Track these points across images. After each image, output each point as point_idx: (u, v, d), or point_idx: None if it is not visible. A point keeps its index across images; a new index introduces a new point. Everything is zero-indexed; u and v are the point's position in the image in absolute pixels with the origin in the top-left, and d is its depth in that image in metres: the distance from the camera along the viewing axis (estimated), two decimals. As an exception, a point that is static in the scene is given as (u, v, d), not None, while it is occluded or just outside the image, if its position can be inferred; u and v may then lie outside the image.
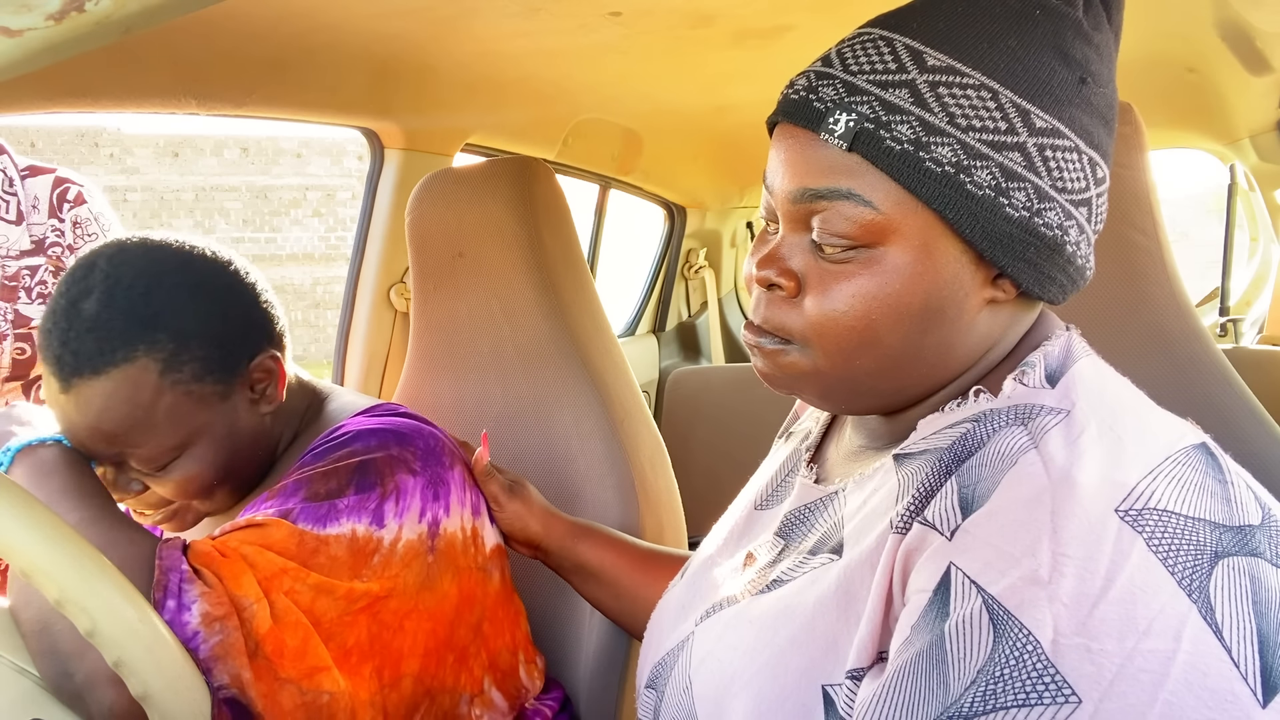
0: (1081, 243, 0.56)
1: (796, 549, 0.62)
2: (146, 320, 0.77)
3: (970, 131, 0.53)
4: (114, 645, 0.57)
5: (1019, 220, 0.53)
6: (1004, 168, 0.53)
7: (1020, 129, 0.53)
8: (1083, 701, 0.42)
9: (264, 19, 1.05)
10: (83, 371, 0.76)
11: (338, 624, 0.74)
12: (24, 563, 0.55)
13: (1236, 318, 2.21)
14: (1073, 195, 0.55)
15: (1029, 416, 0.52)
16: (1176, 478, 0.48)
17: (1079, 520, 0.45)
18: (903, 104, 0.53)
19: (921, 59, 0.54)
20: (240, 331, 0.85)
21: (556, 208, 1.18)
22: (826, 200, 0.55)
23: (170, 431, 0.80)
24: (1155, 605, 0.43)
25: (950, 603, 0.46)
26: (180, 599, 0.68)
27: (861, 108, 0.54)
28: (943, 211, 0.53)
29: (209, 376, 0.81)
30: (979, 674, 0.44)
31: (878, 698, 0.48)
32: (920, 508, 0.51)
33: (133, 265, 0.79)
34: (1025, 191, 0.53)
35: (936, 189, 0.53)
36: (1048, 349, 0.57)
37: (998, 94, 0.53)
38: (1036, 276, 0.56)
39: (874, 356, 0.56)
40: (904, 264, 0.54)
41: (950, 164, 0.52)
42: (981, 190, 0.53)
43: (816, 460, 0.70)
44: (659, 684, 0.67)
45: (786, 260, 0.58)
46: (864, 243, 0.55)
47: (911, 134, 0.53)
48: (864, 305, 0.55)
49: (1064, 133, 0.54)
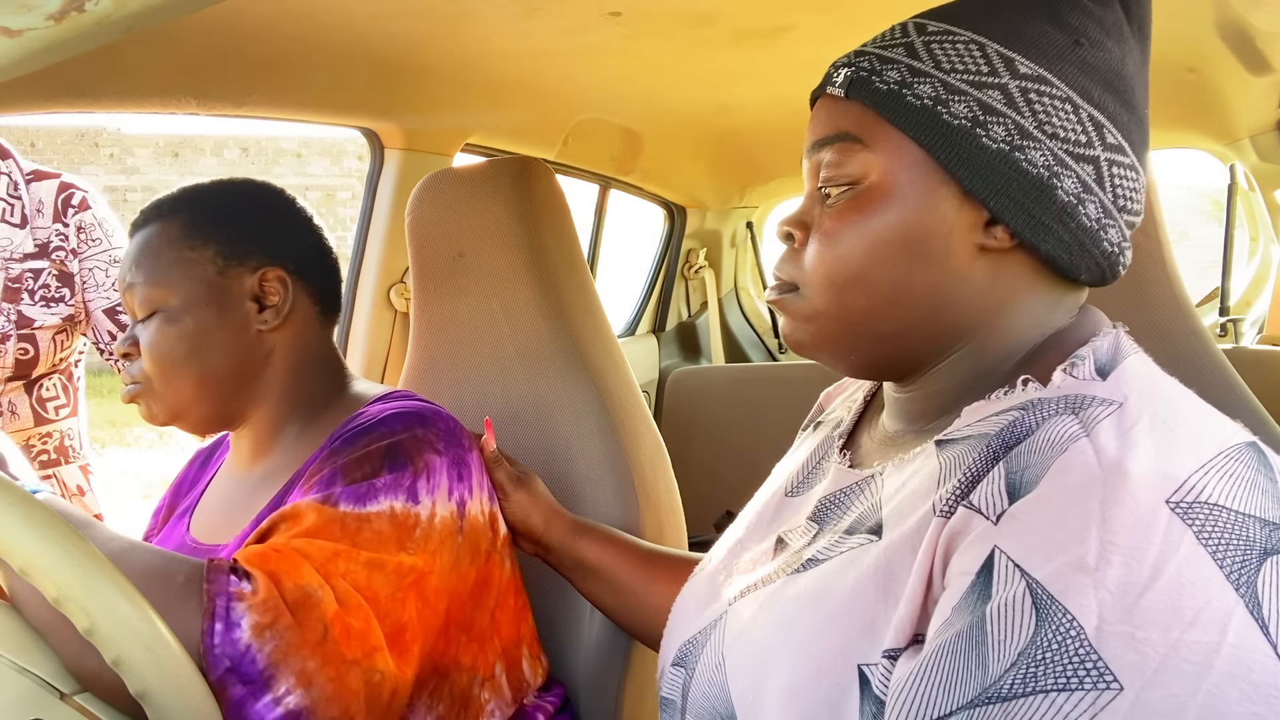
0: (1088, 202, 0.57)
1: (832, 530, 0.62)
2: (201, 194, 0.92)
3: (953, 74, 0.57)
4: (112, 644, 0.57)
5: (997, 152, 0.56)
6: (982, 102, 0.56)
7: (1003, 72, 0.56)
8: (1124, 689, 0.42)
9: (264, 19, 1.05)
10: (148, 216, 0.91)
11: (391, 601, 0.75)
12: (22, 560, 0.55)
13: (1236, 317, 2.21)
14: (1066, 144, 0.56)
15: (1080, 406, 0.52)
16: (1228, 473, 0.48)
17: (1129, 510, 0.45)
18: (896, 58, 0.59)
19: (924, 28, 0.59)
20: (263, 231, 0.91)
21: (556, 208, 1.18)
22: (829, 145, 0.61)
23: (158, 276, 0.87)
24: (1202, 598, 0.43)
25: (993, 585, 0.46)
26: (228, 618, 0.68)
27: (861, 62, 0.60)
28: (919, 139, 0.57)
29: (212, 243, 0.88)
30: (1019, 656, 0.44)
31: (915, 675, 0.48)
32: (966, 492, 0.51)
33: None
34: (1005, 126, 0.56)
35: (915, 119, 0.57)
36: (1097, 344, 0.57)
37: (985, 46, 0.57)
38: (1028, 221, 0.56)
39: (864, 293, 0.59)
40: (888, 196, 0.58)
41: (929, 98, 0.57)
42: (957, 120, 0.56)
43: (849, 447, 0.70)
44: (688, 662, 0.67)
45: (802, 214, 0.63)
46: (856, 180, 0.59)
47: (898, 77, 0.58)
48: (852, 240, 0.59)
49: (1051, 80, 0.56)
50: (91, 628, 0.57)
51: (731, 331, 3.15)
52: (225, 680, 0.66)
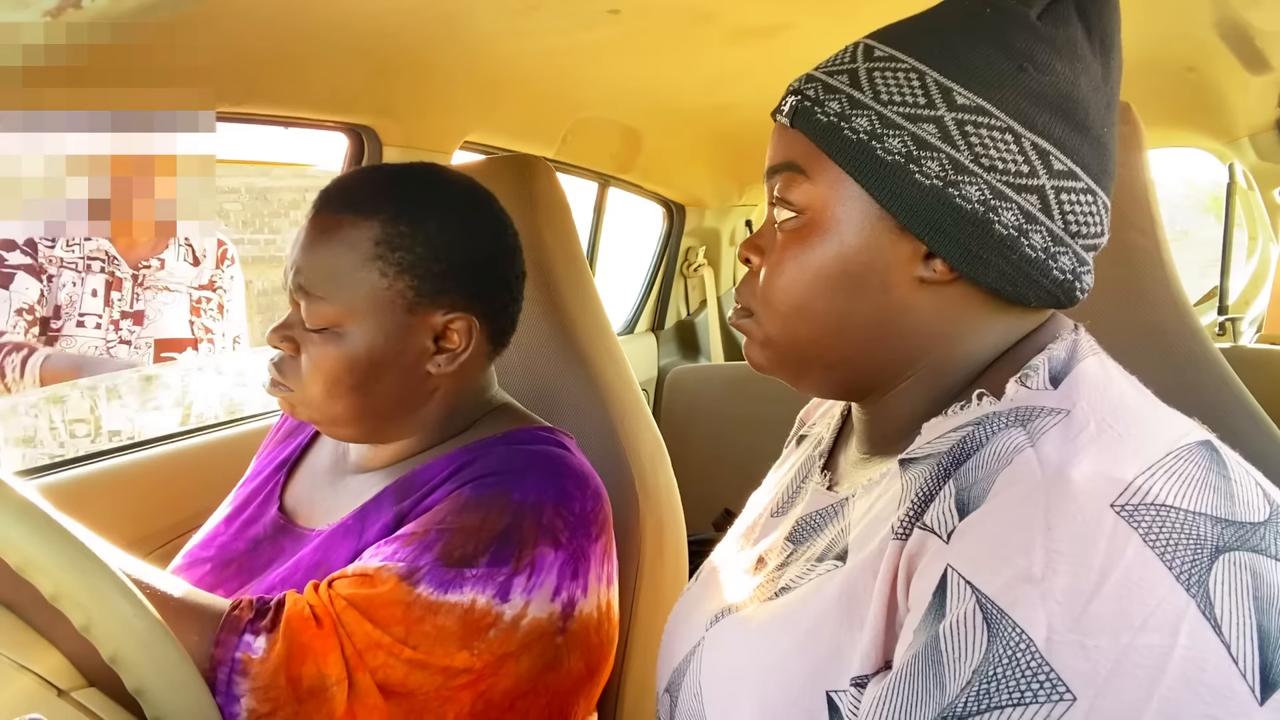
0: (1033, 232, 0.56)
1: (804, 555, 0.62)
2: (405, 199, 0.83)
3: (890, 105, 0.57)
4: (109, 640, 0.57)
5: (930, 189, 0.55)
6: (916, 137, 0.56)
7: (940, 104, 0.56)
8: (1077, 699, 0.41)
9: (262, 16, 1.05)
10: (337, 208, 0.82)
11: (435, 698, 0.72)
12: (19, 558, 0.55)
13: (1235, 316, 2.21)
14: (1006, 175, 0.55)
15: (1029, 418, 0.51)
16: (1176, 473, 0.47)
17: (1072, 516, 0.45)
18: (839, 85, 0.59)
19: (871, 53, 0.59)
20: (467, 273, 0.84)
21: (556, 206, 1.18)
22: (779, 174, 0.61)
23: (344, 296, 0.80)
24: (1152, 600, 0.42)
25: (946, 604, 0.46)
26: (229, 691, 0.67)
27: (808, 89, 0.60)
28: (855, 174, 0.57)
29: (409, 275, 0.81)
30: (974, 674, 0.44)
31: (878, 699, 0.48)
32: (920, 512, 0.51)
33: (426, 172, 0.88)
34: (939, 161, 0.55)
35: (850, 154, 0.57)
36: (1053, 350, 0.57)
37: (924, 75, 0.56)
38: (965, 256, 0.56)
39: (809, 323, 0.60)
40: (827, 230, 0.59)
41: (865, 132, 0.57)
42: (891, 156, 0.56)
43: (829, 467, 0.70)
44: (674, 689, 0.67)
45: (757, 238, 0.64)
46: (800, 209, 0.60)
47: (838, 108, 0.58)
48: (795, 270, 0.60)
49: (990, 110, 0.55)
50: (88, 624, 0.57)
51: (730, 330, 3.15)
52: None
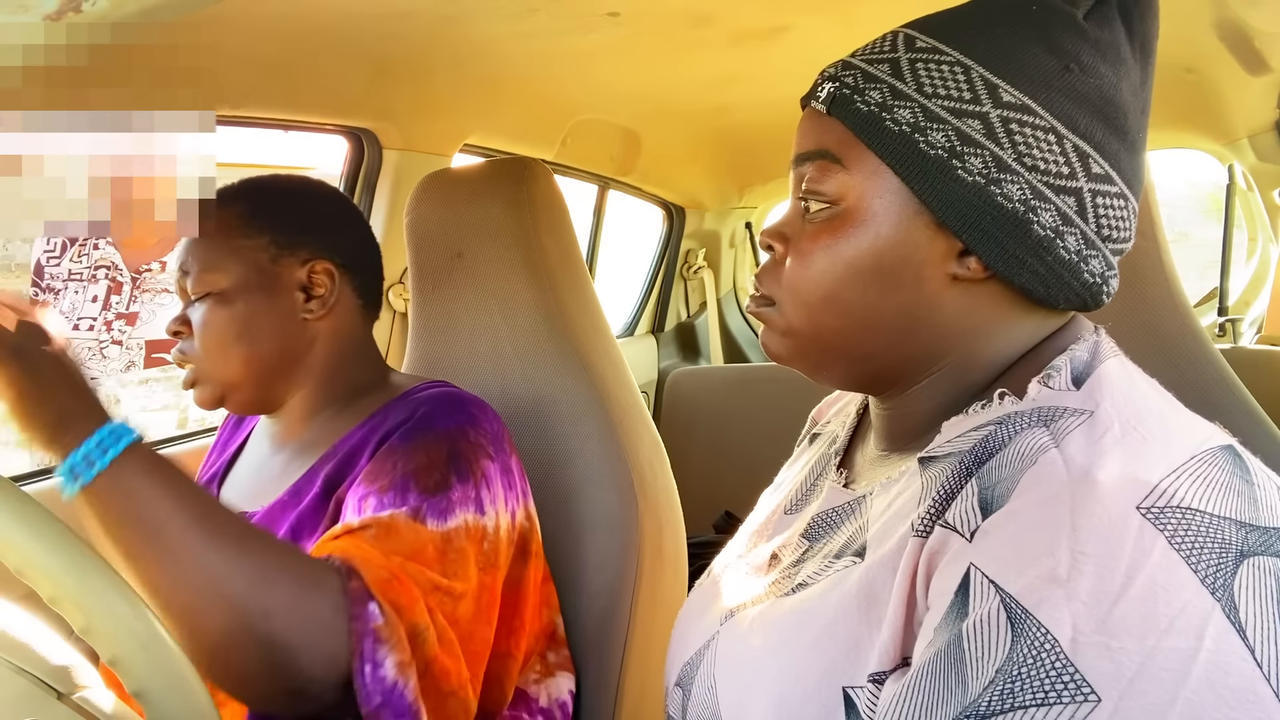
0: (1068, 234, 0.55)
1: (820, 551, 0.62)
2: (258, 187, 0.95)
3: (934, 98, 0.56)
4: (109, 642, 0.57)
5: (972, 185, 0.55)
6: (960, 132, 0.55)
7: (985, 100, 0.55)
8: (1102, 700, 0.41)
9: (263, 19, 1.05)
10: None
11: (473, 623, 0.79)
12: (18, 559, 0.55)
13: (1235, 317, 2.21)
14: (1047, 176, 0.55)
15: (1052, 418, 0.51)
16: (1201, 476, 0.47)
17: (1099, 518, 0.45)
18: (880, 75, 0.58)
19: (913, 43, 0.58)
20: (315, 225, 0.94)
21: (555, 208, 1.18)
22: (810, 161, 0.60)
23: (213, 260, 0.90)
24: (1177, 603, 0.42)
25: (969, 603, 0.46)
26: (374, 658, 0.70)
27: (846, 76, 0.59)
28: (895, 167, 0.56)
29: (269, 232, 0.92)
30: (997, 673, 0.44)
31: (898, 698, 0.48)
32: (941, 510, 0.51)
33: None
34: (982, 158, 0.55)
35: (892, 146, 0.56)
36: (1074, 351, 0.57)
37: (970, 70, 0.55)
38: (1001, 255, 0.56)
39: (837, 315, 0.59)
40: (863, 221, 0.58)
41: (908, 124, 0.56)
42: (934, 150, 0.55)
43: (845, 465, 0.70)
44: (686, 683, 0.67)
45: (783, 225, 0.63)
46: (834, 199, 0.58)
47: (879, 98, 0.57)
48: (826, 261, 0.59)
49: (1035, 109, 0.54)
50: (87, 626, 0.57)
51: (730, 332, 3.15)
52: (380, 713, 0.70)
